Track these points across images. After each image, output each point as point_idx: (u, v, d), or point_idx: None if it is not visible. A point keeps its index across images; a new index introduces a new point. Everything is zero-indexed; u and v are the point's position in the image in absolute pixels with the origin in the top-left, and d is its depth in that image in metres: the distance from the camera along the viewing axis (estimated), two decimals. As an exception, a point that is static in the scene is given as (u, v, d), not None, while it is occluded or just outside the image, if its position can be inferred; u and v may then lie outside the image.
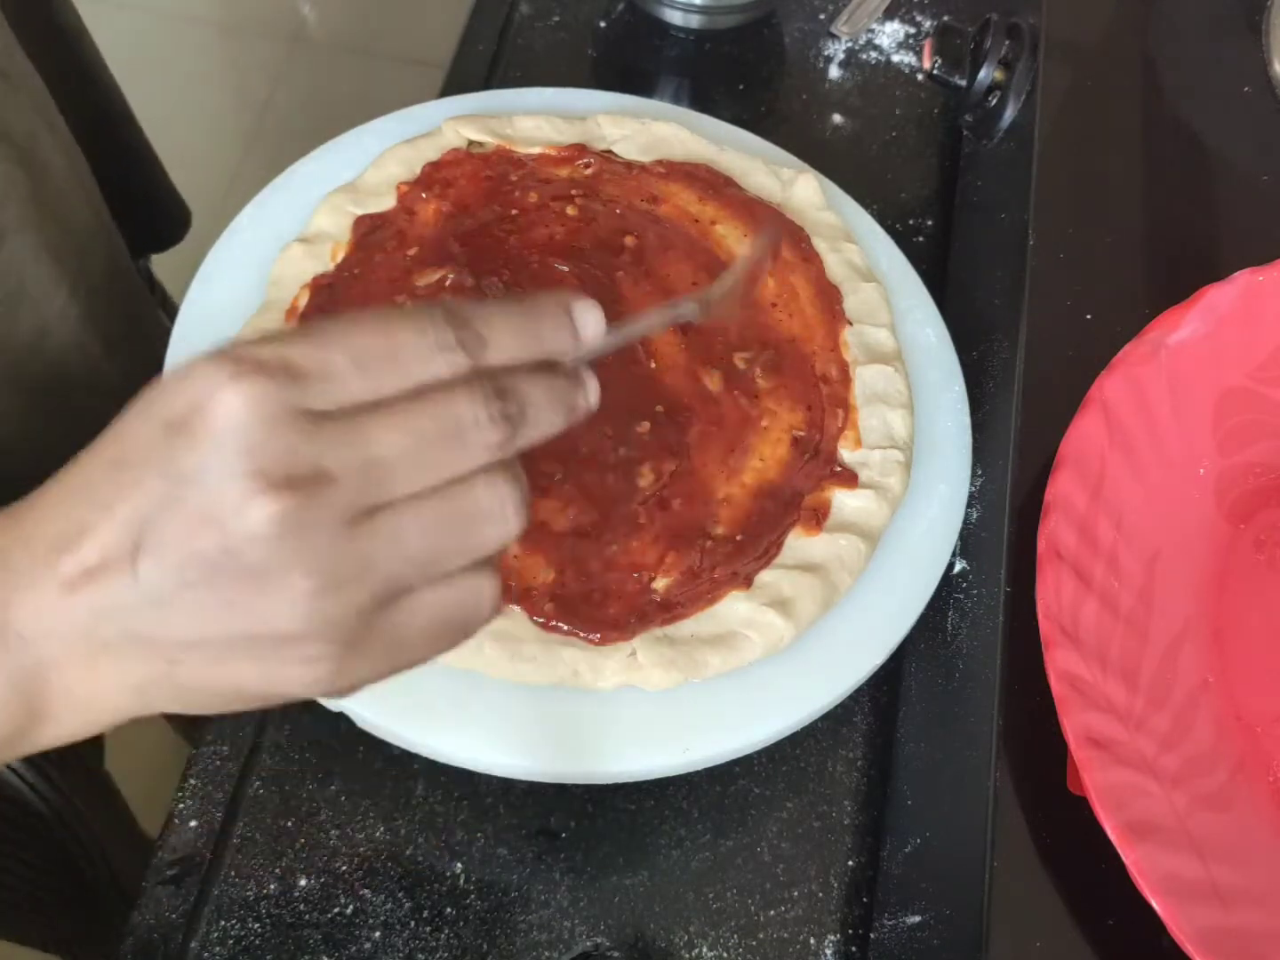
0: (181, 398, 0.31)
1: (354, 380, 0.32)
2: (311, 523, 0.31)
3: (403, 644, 0.34)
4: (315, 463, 0.31)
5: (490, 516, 0.35)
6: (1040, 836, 0.48)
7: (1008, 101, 0.71)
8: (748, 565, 0.54)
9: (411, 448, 0.32)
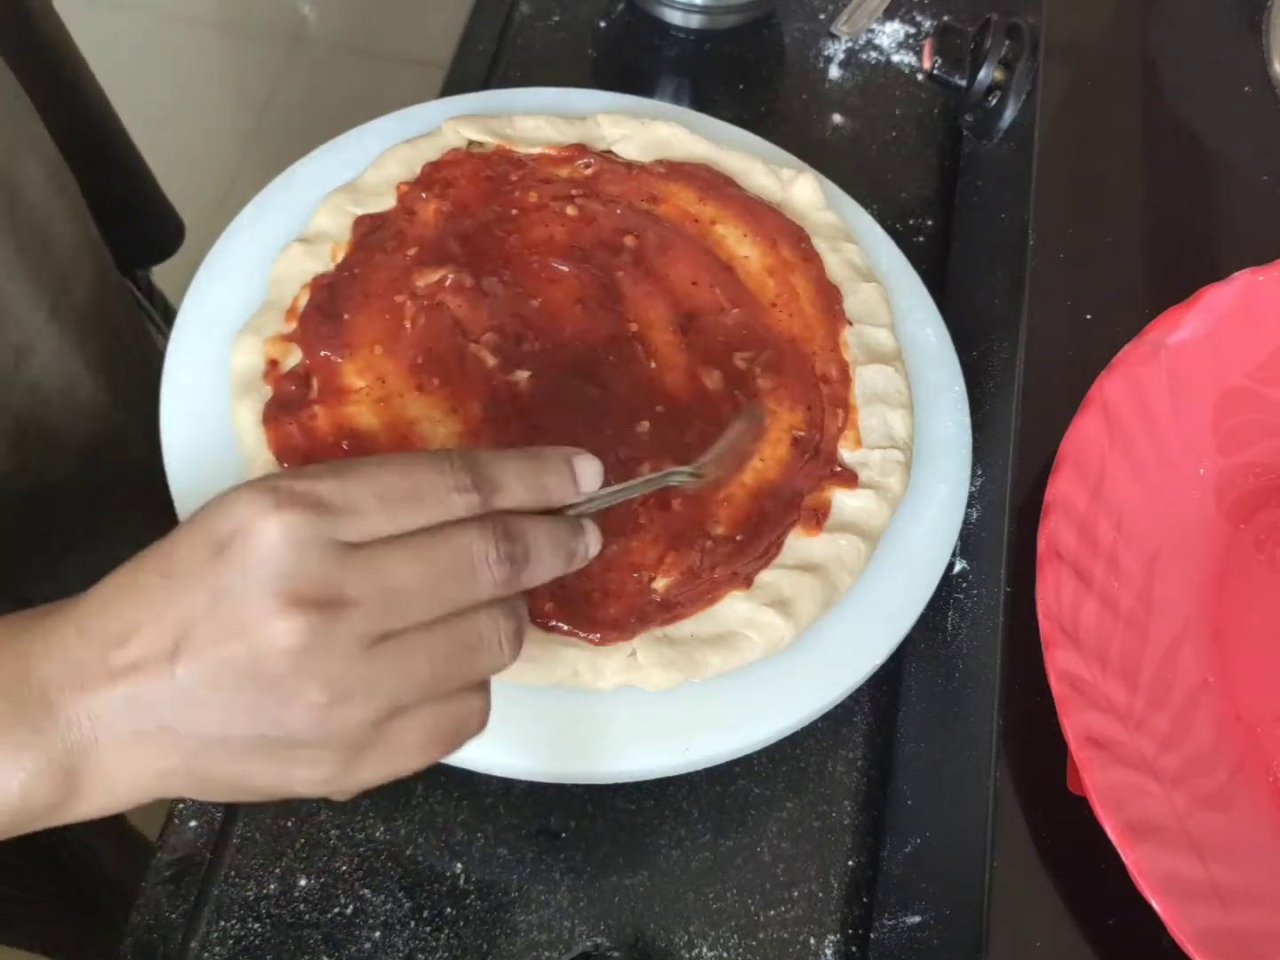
0: (227, 521, 0.35)
1: (378, 516, 0.36)
2: (330, 641, 0.35)
3: (401, 753, 0.39)
4: (339, 588, 0.35)
5: (489, 647, 0.38)
6: (1040, 836, 0.48)
7: (1008, 101, 0.71)
8: (748, 565, 0.54)
9: (426, 579, 0.36)
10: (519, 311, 0.59)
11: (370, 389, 0.55)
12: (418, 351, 0.57)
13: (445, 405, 0.55)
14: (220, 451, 0.55)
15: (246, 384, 0.55)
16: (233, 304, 0.59)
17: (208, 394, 0.56)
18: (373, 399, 0.55)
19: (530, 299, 0.59)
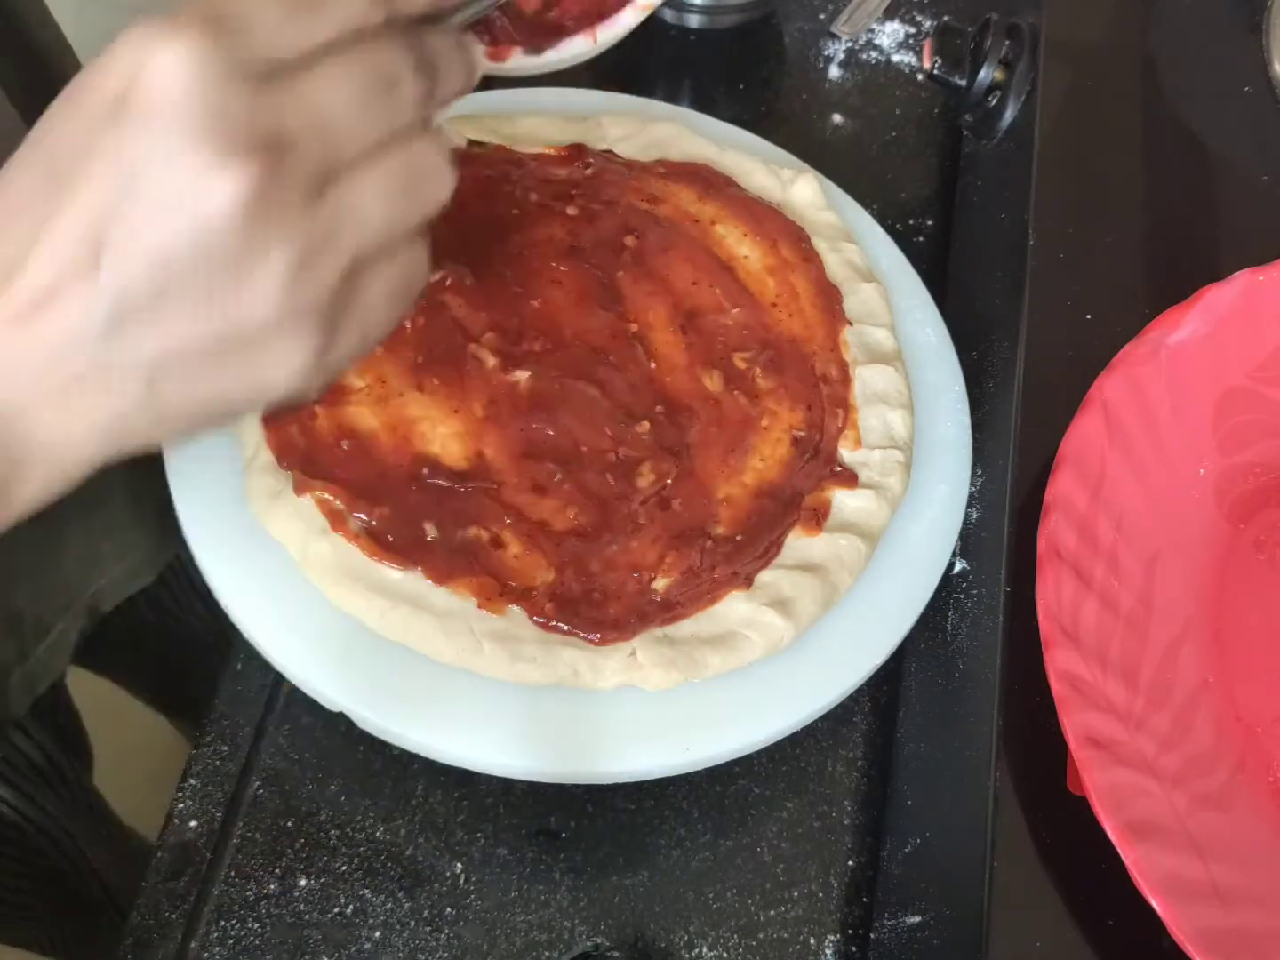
0: (110, 77, 0.28)
1: (286, 27, 0.29)
2: (280, 195, 0.28)
3: (370, 315, 0.33)
4: (272, 123, 0.28)
5: (434, 172, 0.34)
6: (1040, 836, 0.48)
7: (1008, 101, 0.71)
8: (748, 565, 0.54)
9: (354, 101, 0.31)
10: (519, 311, 0.59)
11: (370, 389, 0.55)
12: (418, 351, 0.57)
13: (445, 405, 0.55)
14: (219, 452, 0.55)
15: (246, 384, 0.55)
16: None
17: (208, 394, 0.56)
18: (373, 399, 0.55)
19: (530, 299, 0.59)
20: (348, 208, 0.31)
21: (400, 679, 0.51)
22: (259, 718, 0.57)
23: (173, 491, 0.54)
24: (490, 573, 0.52)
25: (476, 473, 0.54)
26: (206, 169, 0.27)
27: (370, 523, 0.52)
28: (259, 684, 0.57)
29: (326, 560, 0.51)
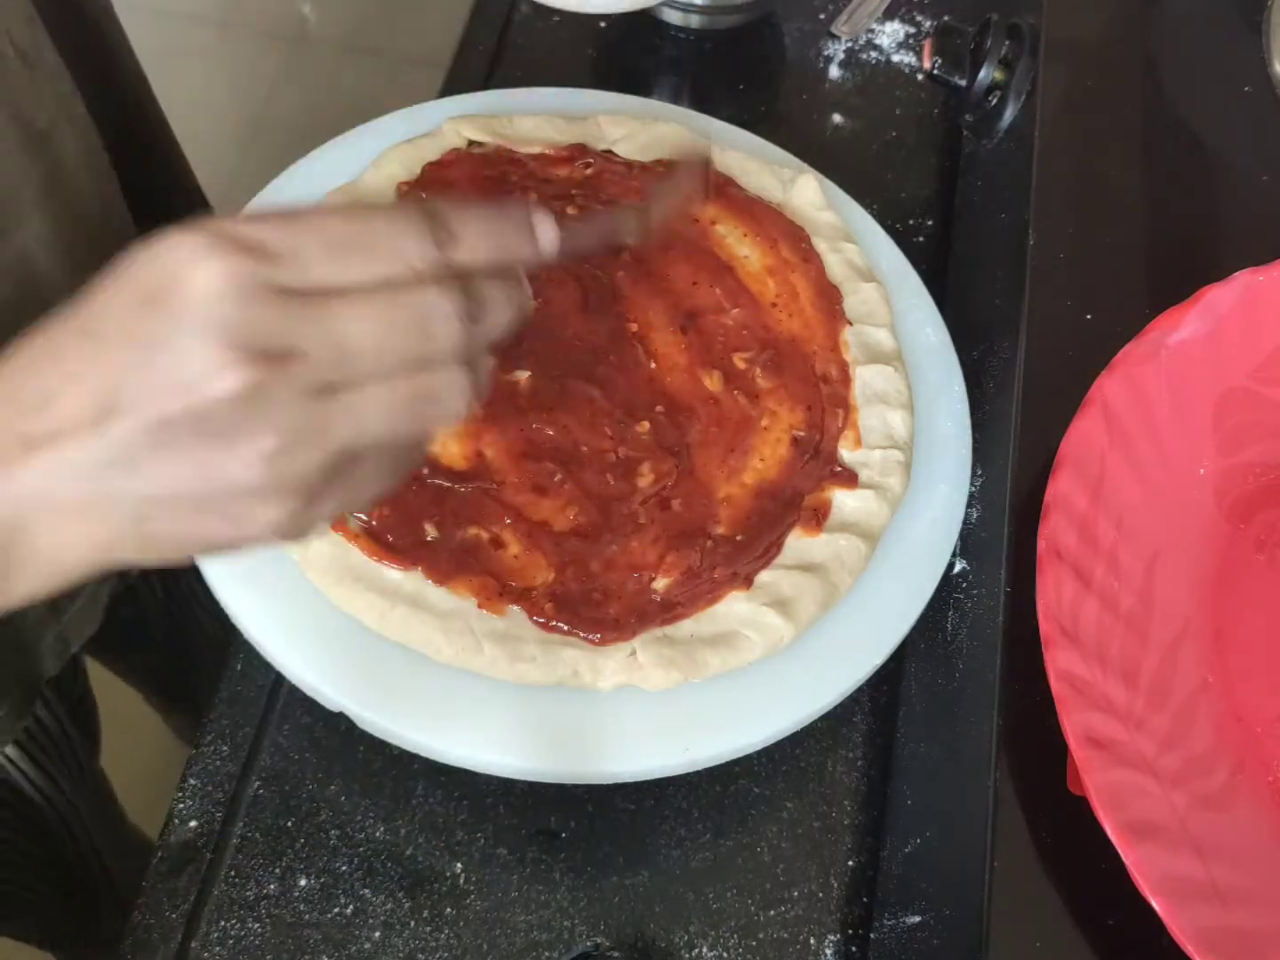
0: (156, 269, 0.32)
1: (326, 263, 0.33)
2: (279, 390, 0.32)
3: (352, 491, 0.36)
4: (286, 339, 0.32)
5: (446, 401, 0.36)
6: (1040, 836, 0.48)
7: (1008, 101, 0.71)
8: (748, 565, 0.54)
9: (381, 334, 0.33)
10: (519, 311, 0.59)
11: (370, 389, 0.55)
12: (418, 351, 0.57)
13: (445, 405, 0.55)
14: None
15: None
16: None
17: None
18: (373, 399, 0.55)
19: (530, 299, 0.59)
20: (347, 410, 0.33)
21: (400, 679, 0.51)
22: (259, 718, 0.57)
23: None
24: (490, 573, 0.52)
25: (476, 472, 0.54)
26: (215, 366, 0.31)
27: (370, 523, 0.52)
28: (259, 684, 0.57)
29: (326, 560, 0.51)
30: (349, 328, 0.33)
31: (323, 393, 0.33)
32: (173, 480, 0.32)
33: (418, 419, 0.35)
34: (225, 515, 0.33)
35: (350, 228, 0.34)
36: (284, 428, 0.32)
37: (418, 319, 0.34)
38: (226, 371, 0.31)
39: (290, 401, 0.32)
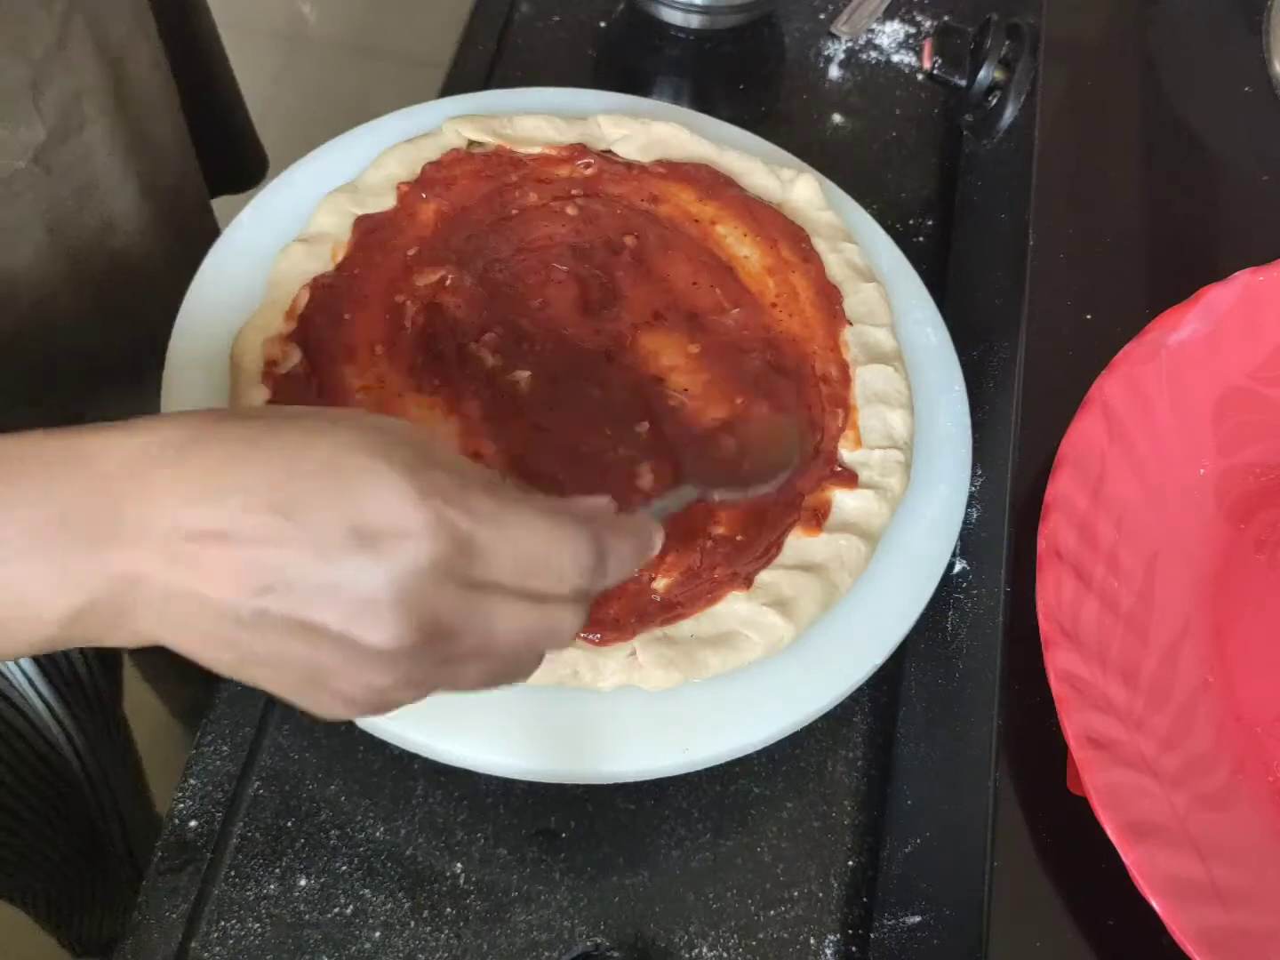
0: (382, 513, 0.35)
1: (508, 575, 0.37)
2: (418, 658, 0.36)
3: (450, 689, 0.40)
4: (450, 622, 0.36)
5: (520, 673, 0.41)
6: (1040, 836, 0.48)
7: (1008, 101, 0.71)
8: (748, 565, 0.54)
9: (519, 636, 0.38)
10: (519, 312, 0.59)
11: (370, 389, 0.55)
12: (417, 352, 0.57)
13: (445, 405, 0.55)
14: (220, 451, 0.55)
15: (246, 384, 0.55)
16: (233, 304, 0.58)
17: (207, 394, 0.56)
18: (373, 399, 0.55)
19: (530, 299, 0.59)
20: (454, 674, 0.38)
21: (400, 679, 0.51)
22: (259, 718, 0.57)
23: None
24: (490, 573, 0.52)
25: (476, 473, 0.54)
26: (384, 624, 0.35)
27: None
28: (259, 684, 0.57)
29: (326, 560, 0.51)
30: (498, 626, 0.37)
31: (448, 662, 0.37)
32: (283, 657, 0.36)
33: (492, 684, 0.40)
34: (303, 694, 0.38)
35: (539, 552, 0.37)
36: (404, 680, 0.36)
37: (548, 633, 0.39)
38: (392, 632, 0.35)
39: (424, 665, 0.36)
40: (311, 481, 0.35)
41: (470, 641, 0.37)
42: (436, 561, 0.35)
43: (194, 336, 0.58)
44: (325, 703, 0.38)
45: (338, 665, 0.36)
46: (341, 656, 0.35)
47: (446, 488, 0.36)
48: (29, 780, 0.82)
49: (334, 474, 0.35)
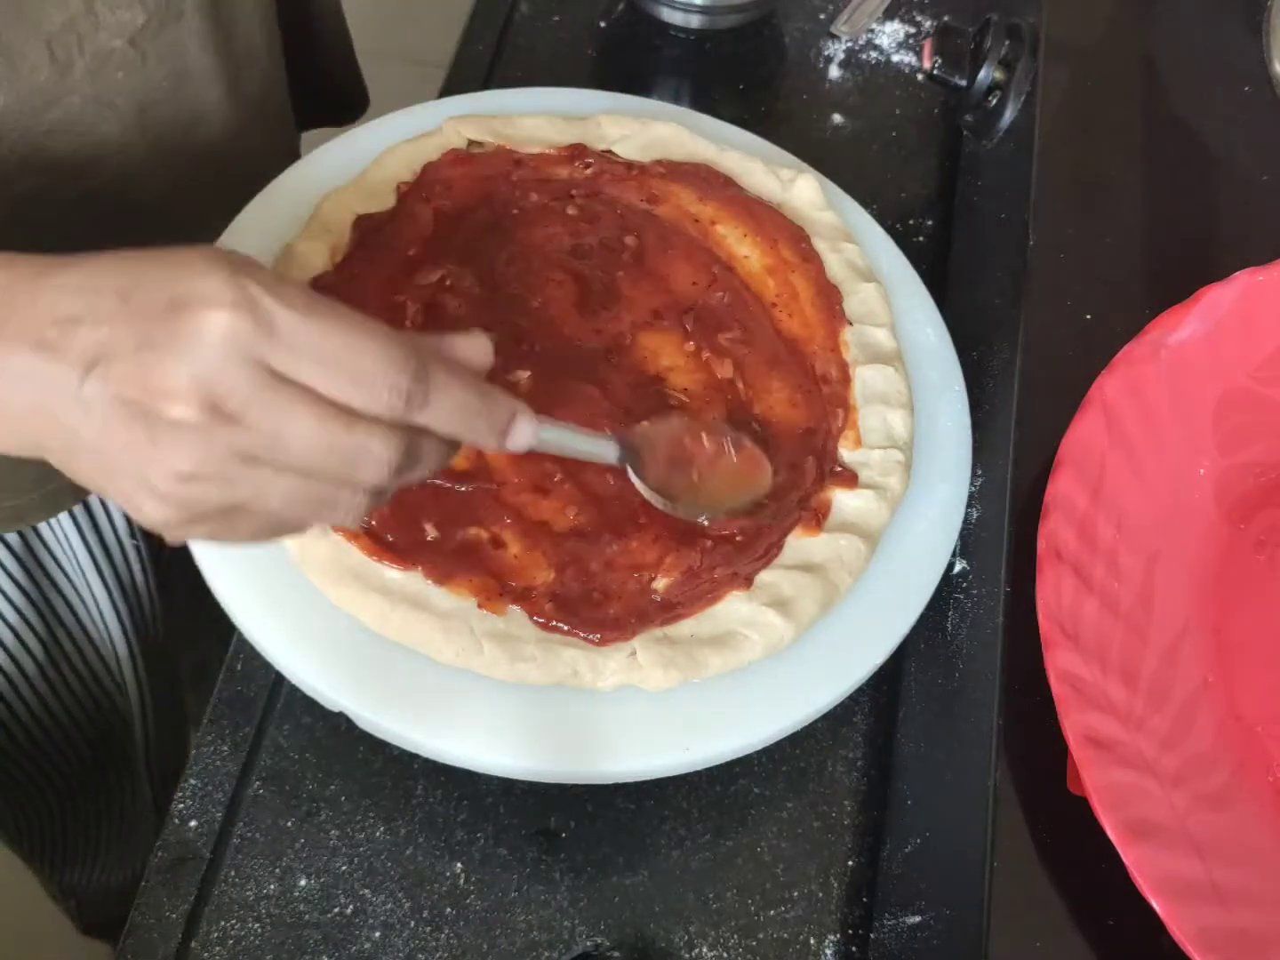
0: (193, 288, 0.37)
1: (313, 369, 0.38)
2: (210, 439, 0.38)
3: (231, 534, 0.41)
4: (243, 407, 0.37)
5: (339, 511, 0.41)
6: (1040, 836, 0.48)
7: (1008, 101, 0.71)
8: (748, 565, 0.54)
9: (315, 447, 0.38)
10: (519, 312, 0.59)
11: (370, 389, 0.55)
12: (418, 351, 0.57)
13: (445, 405, 0.55)
14: (220, 451, 0.55)
15: (246, 384, 0.55)
16: (233, 304, 0.58)
17: (208, 394, 0.56)
18: (373, 399, 0.55)
19: (530, 299, 0.59)
20: (255, 480, 0.39)
21: (400, 679, 0.51)
22: (259, 718, 0.57)
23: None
24: (490, 573, 0.52)
25: (476, 473, 0.54)
26: (175, 393, 0.37)
27: (370, 522, 0.52)
28: (259, 684, 0.57)
29: (326, 560, 0.51)
30: (294, 428, 0.38)
31: (246, 459, 0.38)
32: (104, 440, 0.38)
33: (309, 516, 0.41)
34: (121, 489, 0.40)
35: (348, 353, 0.38)
36: (202, 465, 0.38)
37: (354, 454, 0.39)
38: (184, 402, 0.37)
39: (217, 450, 0.38)
40: (150, 268, 0.39)
41: (262, 435, 0.38)
42: (234, 334, 0.37)
43: (194, 336, 0.58)
44: (134, 496, 0.39)
45: (143, 448, 0.38)
46: (145, 435, 0.37)
47: (265, 278, 0.38)
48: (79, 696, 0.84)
49: (169, 260, 0.39)
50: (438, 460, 0.42)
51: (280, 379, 0.38)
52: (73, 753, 0.88)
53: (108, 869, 1.05)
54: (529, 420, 0.43)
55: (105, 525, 0.74)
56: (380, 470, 0.40)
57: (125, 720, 0.89)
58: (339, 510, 0.41)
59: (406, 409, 0.39)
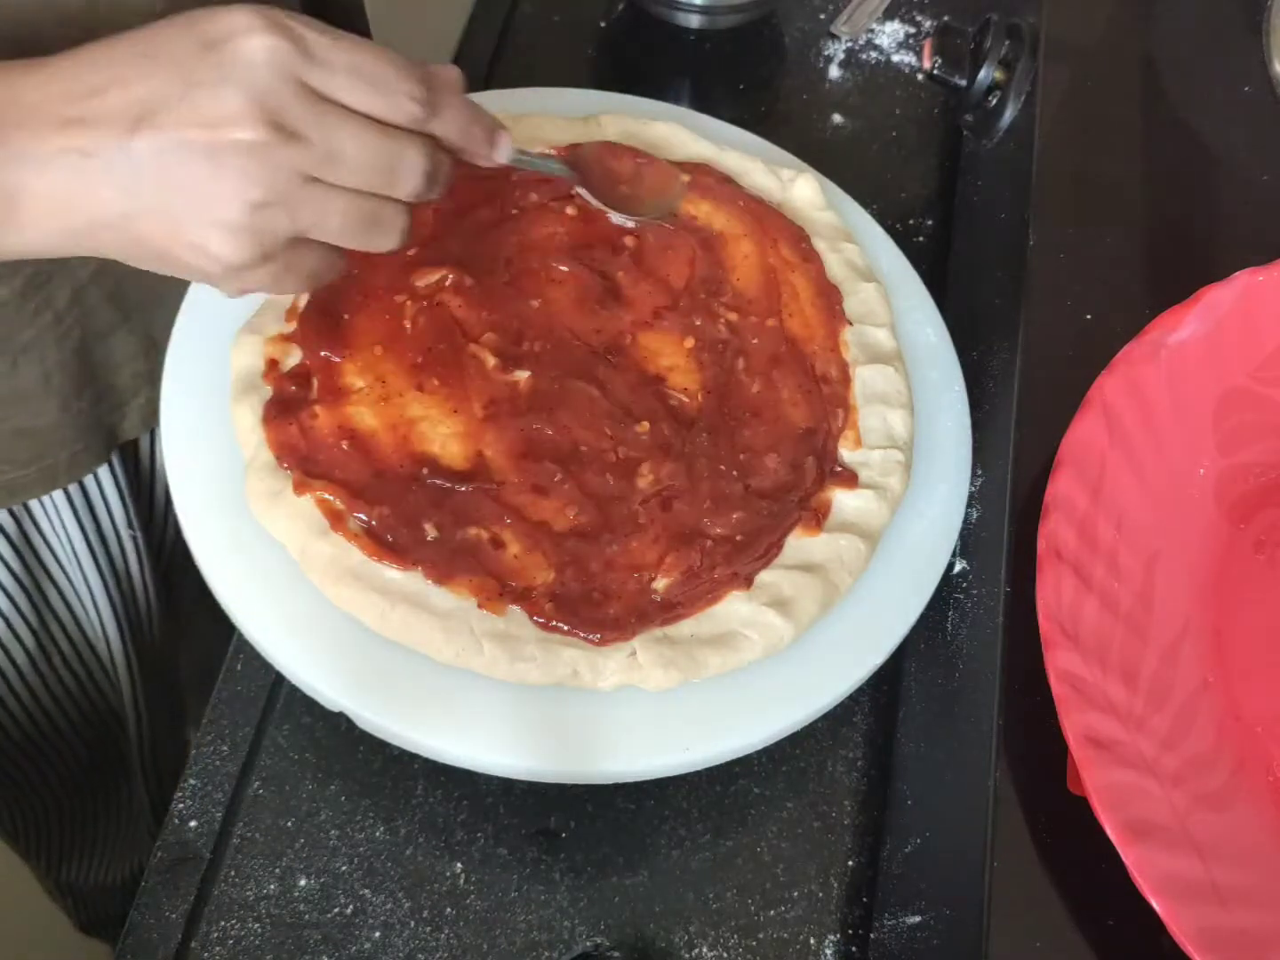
0: (221, 25, 0.40)
1: (344, 80, 0.41)
2: (275, 159, 0.40)
3: (288, 278, 0.44)
4: (298, 122, 0.40)
5: (387, 231, 0.45)
6: (1040, 836, 0.48)
7: (1008, 101, 0.71)
8: (748, 565, 0.54)
9: (366, 155, 0.42)
10: (519, 311, 0.59)
11: (370, 389, 0.55)
12: (418, 352, 0.57)
13: (445, 405, 0.55)
14: (220, 451, 0.55)
15: (246, 384, 0.55)
16: (232, 304, 0.58)
17: (208, 394, 0.56)
18: (373, 399, 0.55)
19: (530, 299, 0.59)
20: (318, 201, 0.42)
21: (400, 679, 0.51)
22: (259, 718, 0.57)
23: (173, 493, 0.54)
24: (490, 573, 0.52)
25: (476, 473, 0.54)
26: (243, 116, 0.39)
27: (370, 523, 0.52)
28: (259, 684, 0.57)
29: (326, 560, 0.51)
30: (345, 138, 0.41)
31: (307, 179, 0.41)
32: (167, 191, 0.40)
33: (362, 235, 0.44)
34: (193, 242, 0.41)
35: (370, 64, 0.42)
36: (272, 188, 0.40)
37: (395, 161, 0.43)
38: (248, 124, 0.39)
39: (283, 171, 0.40)
40: (165, 29, 0.41)
41: (318, 150, 0.40)
42: (278, 53, 0.39)
43: (194, 337, 0.58)
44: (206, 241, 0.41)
45: (211, 184, 0.39)
46: (211, 170, 0.39)
47: (280, 14, 0.41)
48: (71, 691, 0.83)
49: (184, 21, 0.41)
50: (446, 174, 0.46)
51: (322, 96, 0.41)
52: (67, 749, 0.88)
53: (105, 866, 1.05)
54: (508, 134, 0.48)
55: (103, 513, 0.74)
56: (417, 178, 0.43)
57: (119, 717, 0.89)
58: (384, 228, 0.44)
59: (425, 116, 0.43)
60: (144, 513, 0.78)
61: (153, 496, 0.79)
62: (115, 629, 0.80)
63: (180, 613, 0.89)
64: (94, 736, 0.90)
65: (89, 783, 0.93)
